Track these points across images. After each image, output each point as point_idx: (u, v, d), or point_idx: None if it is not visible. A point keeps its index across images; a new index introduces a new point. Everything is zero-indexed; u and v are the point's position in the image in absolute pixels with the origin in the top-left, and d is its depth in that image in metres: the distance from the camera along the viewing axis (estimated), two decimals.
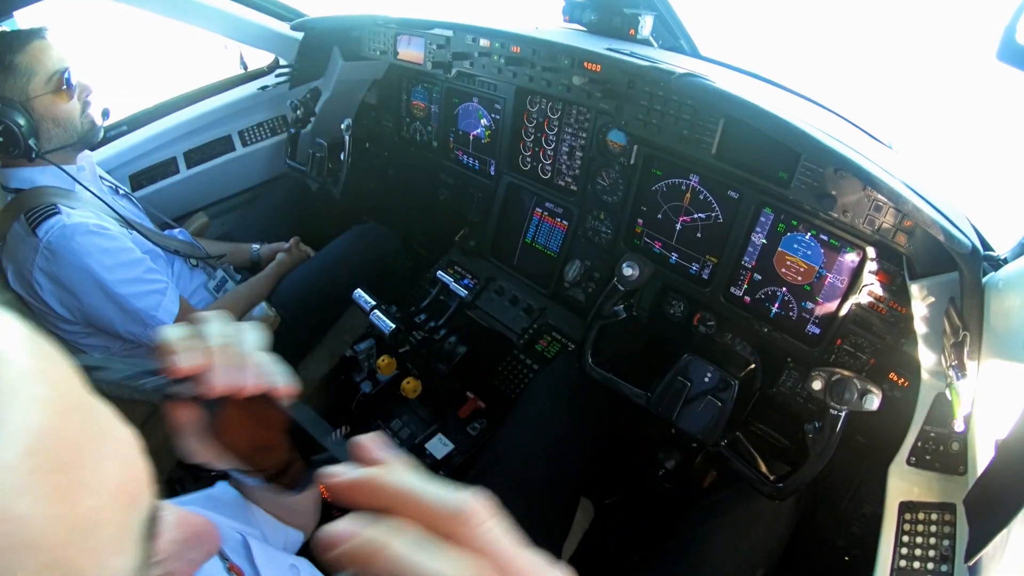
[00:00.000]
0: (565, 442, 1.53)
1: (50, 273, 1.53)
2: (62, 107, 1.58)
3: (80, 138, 1.65)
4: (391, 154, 2.49)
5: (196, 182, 2.44)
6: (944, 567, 1.12)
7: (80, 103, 1.63)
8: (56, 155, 1.60)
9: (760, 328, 1.56)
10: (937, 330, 1.16)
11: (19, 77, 1.50)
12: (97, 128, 1.69)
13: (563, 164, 1.98)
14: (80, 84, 1.62)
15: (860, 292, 1.38)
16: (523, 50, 1.77)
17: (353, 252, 2.21)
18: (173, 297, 1.69)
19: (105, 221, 1.63)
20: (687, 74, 1.38)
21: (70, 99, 1.59)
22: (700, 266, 1.68)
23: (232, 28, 2.31)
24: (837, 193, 1.28)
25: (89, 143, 1.71)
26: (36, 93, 1.53)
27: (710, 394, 1.38)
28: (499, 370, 1.96)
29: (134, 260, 1.64)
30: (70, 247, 1.51)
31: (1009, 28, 0.86)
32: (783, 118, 1.21)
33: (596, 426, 1.60)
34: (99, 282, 1.55)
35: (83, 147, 1.70)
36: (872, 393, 1.14)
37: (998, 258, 1.21)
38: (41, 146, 1.57)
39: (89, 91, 1.64)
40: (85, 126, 1.65)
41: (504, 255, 2.20)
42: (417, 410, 1.95)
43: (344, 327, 2.18)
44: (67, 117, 1.60)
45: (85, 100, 1.64)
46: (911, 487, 1.22)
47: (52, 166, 1.60)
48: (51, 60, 1.54)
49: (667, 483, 1.71)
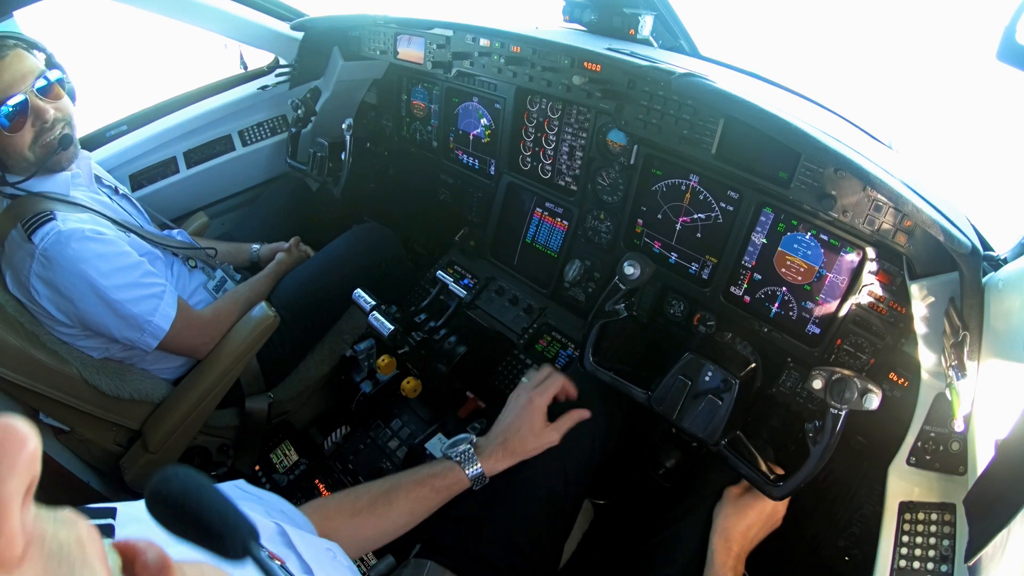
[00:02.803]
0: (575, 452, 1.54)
1: (46, 279, 1.52)
2: (8, 141, 1.49)
3: (38, 166, 1.55)
4: (391, 154, 2.49)
5: (196, 182, 2.44)
6: (944, 567, 1.12)
7: (34, 130, 1.52)
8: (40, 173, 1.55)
9: (760, 328, 1.56)
10: (937, 330, 1.16)
11: None
12: (53, 151, 1.56)
13: (563, 164, 1.98)
14: (34, 108, 1.50)
15: (860, 292, 1.38)
16: (523, 50, 1.77)
17: (353, 252, 2.21)
18: (171, 300, 1.69)
19: (101, 225, 1.62)
20: (687, 74, 1.38)
21: (16, 131, 1.49)
22: (700, 266, 1.68)
23: (232, 28, 2.31)
24: (837, 193, 1.28)
25: (51, 169, 1.59)
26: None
27: (711, 393, 1.38)
28: (499, 370, 1.96)
29: (130, 265, 1.63)
30: (65, 253, 1.51)
31: (1009, 28, 0.86)
32: (783, 118, 1.21)
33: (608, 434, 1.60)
34: (95, 288, 1.54)
35: (49, 171, 1.59)
36: (872, 392, 1.14)
37: (998, 258, 1.21)
38: (13, 177, 1.54)
39: (44, 117, 1.52)
40: (37, 154, 1.54)
41: (504, 255, 2.20)
42: (417, 410, 1.95)
43: (344, 327, 2.18)
44: (14, 150, 1.51)
45: (40, 128, 1.53)
46: (911, 487, 1.22)
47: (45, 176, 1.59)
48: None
49: (667, 482, 1.71)
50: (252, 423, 1.97)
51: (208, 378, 1.79)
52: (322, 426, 2.14)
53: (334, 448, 1.96)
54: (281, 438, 2.06)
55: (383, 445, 1.88)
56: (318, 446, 2.05)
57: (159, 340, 1.66)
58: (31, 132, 1.52)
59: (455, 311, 1.96)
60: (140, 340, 1.65)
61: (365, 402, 1.98)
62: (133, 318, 1.61)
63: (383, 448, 1.87)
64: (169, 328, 1.67)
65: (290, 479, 1.97)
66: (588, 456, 1.48)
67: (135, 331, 1.63)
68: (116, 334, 1.63)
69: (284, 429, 2.08)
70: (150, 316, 1.63)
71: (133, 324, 1.62)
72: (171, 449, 1.82)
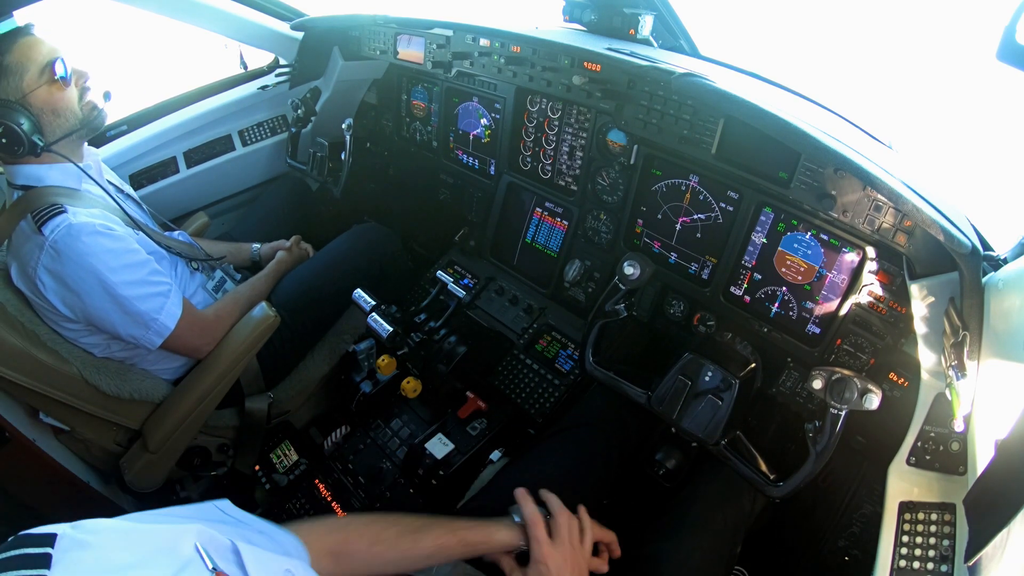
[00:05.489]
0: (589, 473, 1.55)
1: (54, 272, 1.52)
2: (59, 97, 1.57)
3: (83, 124, 1.63)
4: (391, 154, 2.49)
5: (196, 182, 2.44)
6: (944, 567, 1.12)
7: (78, 89, 1.62)
8: (63, 147, 1.60)
9: (760, 328, 1.56)
10: (937, 330, 1.16)
11: (11, 76, 1.50)
12: (100, 111, 1.67)
13: (563, 164, 1.98)
14: (75, 71, 1.60)
15: (860, 292, 1.38)
16: (523, 50, 1.77)
17: (353, 252, 2.21)
18: (176, 300, 1.69)
19: (111, 221, 1.62)
20: (687, 74, 1.38)
21: (66, 87, 1.58)
22: (700, 266, 1.68)
23: (232, 28, 2.31)
24: (837, 193, 1.28)
25: (95, 128, 1.69)
26: (31, 88, 1.52)
27: (711, 393, 1.38)
28: (499, 370, 1.96)
29: (139, 262, 1.63)
30: (76, 247, 1.51)
31: (1009, 28, 0.86)
32: (783, 118, 1.21)
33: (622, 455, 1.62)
34: (103, 283, 1.54)
35: (88, 133, 1.68)
36: (872, 392, 1.14)
37: (998, 258, 1.21)
38: (46, 139, 1.57)
39: (86, 76, 1.63)
40: (86, 111, 1.64)
41: (504, 255, 2.20)
42: (417, 410, 1.95)
43: (344, 327, 2.18)
44: (66, 106, 1.59)
45: (83, 86, 1.63)
46: (911, 487, 1.22)
47: (59, 163, 1.60)
48: (40, 54, 1.53)
49: (667, 482, 1.71)
50: (252, 423, 1.97)
51: (208, 378, 1.79)
52: (322, 426, 2.14)
53: (334, 448, 1.96)
54: (281, 438, 2.06)
55: (383, 445, 1.88)
56: (318, 446, 2.05)
57: (163, 339, 1.66)
58: (76, 90, 1.61)
59: (455, 311, 1.95)
60: (145, 338, 1.65)
61: (365, 402, 1.98)
62: (139, 315, 1.61)
63: (383, 448, 1.87)
64: (174, 327, 1.67)
65: (290, 479, 1.97)
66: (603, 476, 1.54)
67: (140, 328, 1.63)
68: (121, 331, 1.63)
69: (284, 429, 2.08)
70: (156, 314, 1.63)
71: (139, 321, 1.62)
72: (171, 449, 1.82)
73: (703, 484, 1.51)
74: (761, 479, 1.33)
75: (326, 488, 1.84)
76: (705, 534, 1.40)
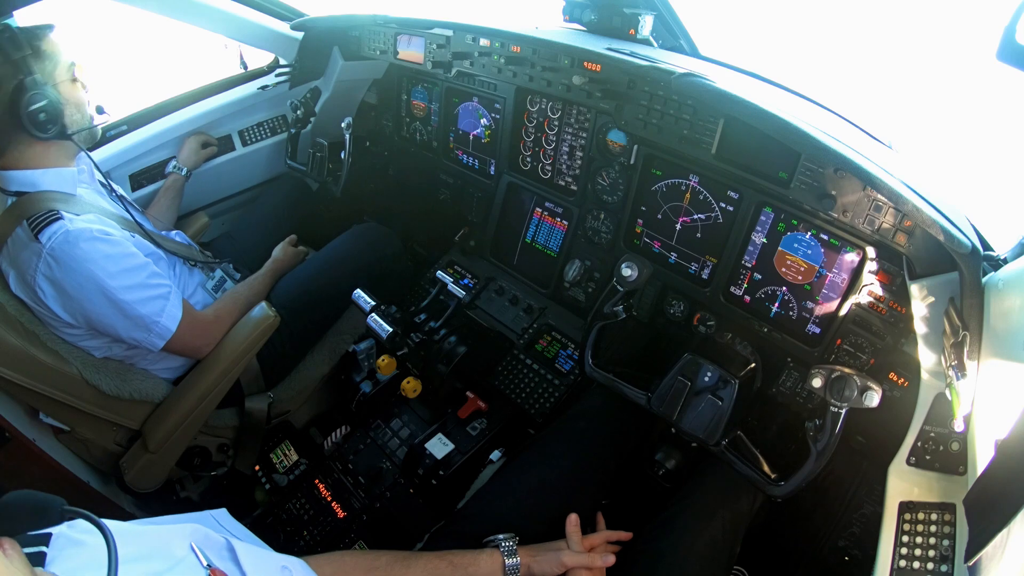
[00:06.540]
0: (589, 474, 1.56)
1: (53, 279, 1.51)
2: (79, 95, 1.64)
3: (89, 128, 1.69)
4: (391, 154, 2.49)
5: (196, 182, 2.43)
6: (944, 567, 1.12)
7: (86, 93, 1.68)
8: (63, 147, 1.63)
9: (760, 328, 1.56)
10: (937, 330, 1.16)
11: (48, 62, 1.55)
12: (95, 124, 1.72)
13: (563, 164, 1.98)
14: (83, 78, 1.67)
15: (860, 292, 1.38)
16: (523, 50, 1.77)
17: (353, 252, 2.20)
18: (176, 301, 1.69)
19: (108, 225, 1.62)
20: (687, 74, 1.38)
21: (83, 88, 1.65)
22: (699, 266, 1.68)
23: (232, 28, 2.31)
24: (837, 193, 1.28)
25: (94, 135, 1.75)
26: (60, 79, 1.58)
27: (711, 393, 1.38)
28: (499, 370, 1.96)
29: (138, 265, 1.63)
30: (74, 254, 1.50)
31: (1009, 28, 0.86)
32: (783, 118, 1.21)
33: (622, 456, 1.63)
34: (103, 288, 1.54)
35: (88, 139, 1.73)
36: (872, 390, 1.14)
37: (998, 258, 1.21)
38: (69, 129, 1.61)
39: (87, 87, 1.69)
40: (92, 116, 1.70)
41: (504, 255, 2.19)
42: (417, 410, 1.95)
43: (344, 327, 2.18)
44: (83, 104, 1.66)
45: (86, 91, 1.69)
46: (911, 487, 1.22)
47: (53, 167, 1.60)
48: (65, 52, 1.59)
49: (667, 483, 1.71)
50: (252, 423, 1.97)
51: (208, 378, 1.79)
52: (322, 426, 2.14)
53: (334, 448, 1.96)
54: (281, 438, 2.06)
55: (383, 445, 1.88)
56: (318, 446, 2.05)
57: (165, 340, 1.67)
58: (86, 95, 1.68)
59: (455, 311, 1.95)
60: (147, 340, 1.65)
61: (365, 402, 1.98)
62: (141, 319, 1.61)
63: (383, 448, 1.87)
64: (175, 329, 1.67)
65: (290, 479, 1.97)
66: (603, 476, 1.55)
67: (142, 331, 1.63)
68: (123, 334, 1.63)
69: (284, 429, 2.08)
70: (157, 317, 1.64)
71: (140, 325, 1.62)
72: (171, 449, 1.82)
73: (702, 484, 1.52)
74: (762, 479, 1.32)
75: (326, 488, 1.84)
76: (704, 534, 1.40)
